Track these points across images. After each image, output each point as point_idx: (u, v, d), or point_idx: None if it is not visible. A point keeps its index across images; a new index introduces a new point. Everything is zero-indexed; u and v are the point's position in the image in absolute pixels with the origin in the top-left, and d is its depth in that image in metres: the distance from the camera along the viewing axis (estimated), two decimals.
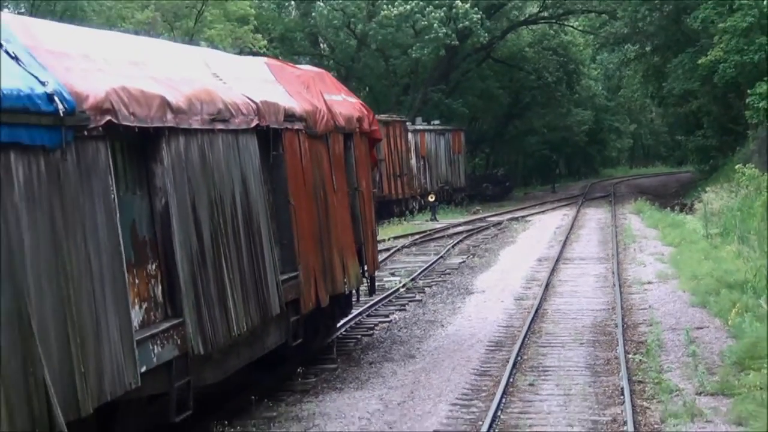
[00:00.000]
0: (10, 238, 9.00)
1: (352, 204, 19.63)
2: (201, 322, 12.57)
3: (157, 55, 13.90)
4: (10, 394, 8.74)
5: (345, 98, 20.47)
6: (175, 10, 56.88)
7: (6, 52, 9.84)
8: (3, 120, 8.98)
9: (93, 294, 10.25)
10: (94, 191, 10.53)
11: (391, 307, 24.70)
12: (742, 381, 14.94)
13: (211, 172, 13.40)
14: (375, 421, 14.65)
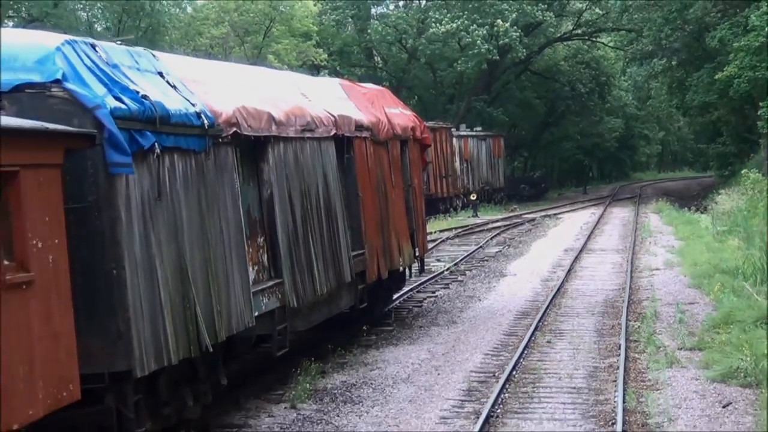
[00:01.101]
0: (175, 213, 12.24)
1: (407, 198, 22.75)
2: (295, 282, 15.80)
3: (262, 79, 17.19)
4: (176, 321, 11.97)
5: (401, 111, 23.63)
6: (245, 26, 59.74)
7: (167, 82, 13.08)
8: (171, 131, 12.22)
9: (224, 256, 13.48)
10: (225, 182, 13.76)
11: (437, 285, 27.82)
12: (714, 339, 17.91)
13: (302, 170, 16.61)
14: (424, 365, 17.78)
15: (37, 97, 10.90)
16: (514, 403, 14.80)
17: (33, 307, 9.45)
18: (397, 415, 14.48)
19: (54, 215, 9.97)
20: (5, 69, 10.98)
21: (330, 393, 15.98)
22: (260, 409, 15.10)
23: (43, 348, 9.54)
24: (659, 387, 15.31)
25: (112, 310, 10.94)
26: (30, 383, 9.26)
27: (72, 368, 10.09)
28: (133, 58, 12.73)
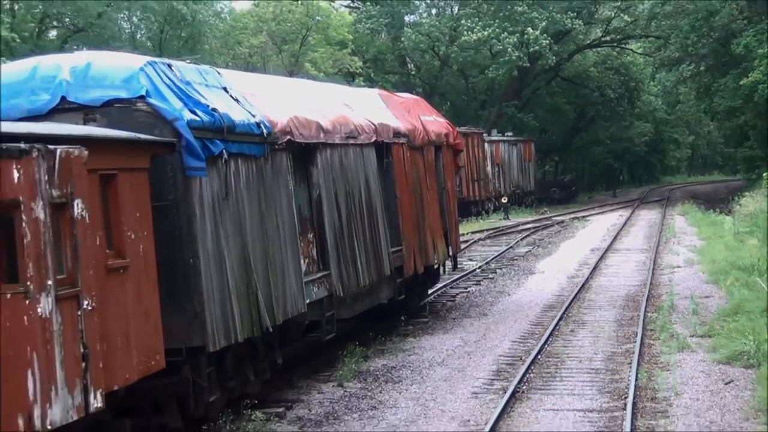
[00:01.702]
0: (239, 210, 14.01)
1: (441, 199, 24.44)
2: (341, 274, 17.55)
3: (310, 91, 18.98)
4: (241, 305, 13.74)
5: (435, 119, 25.35)
6: (283, 35, 61.47)
7: (231, 96, 14.86)
8: (236, 140, 13.99)
9: (281, 249, 15.25)
10: (281, 184, 15.53)
11: (469, 282, 29.50)
12: (722, 327, 19.49)
13: (346, 173, 18.36)
14: (457, 351, 19.47)
15: (124, 110, 12.70)
16: (538, 381, 16.47)
17: (128, 288, 11.23)
18: (434, 392, 16.18)
19: (143, 211, 11.76)
20: (97, 87, 12.80)
21: (372, 374, 17.72)
22: (311, 387, 16.85)
23: (136, 323, 11.31)
24: (669, 368, 16.93)
25: (189, 293, 12.71)
26: (127, 352, 11.04)
27: (158, 341, 11.87)
28: (201, 75, 14.52)
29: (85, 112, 12.67)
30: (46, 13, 60.15)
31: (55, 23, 61.52)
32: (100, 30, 59.87)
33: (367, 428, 14.33)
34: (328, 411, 15.41)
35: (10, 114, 12.63)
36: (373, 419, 14.79)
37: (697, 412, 14.18)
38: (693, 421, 13.76)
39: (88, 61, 13.23)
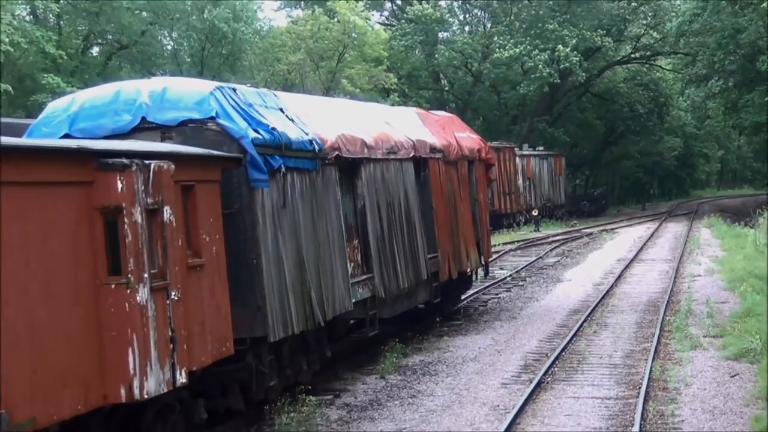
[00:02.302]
0: (295, 218, 15.78)
1: (473, 210, 26.14)
2: (382, 277, 19.28)
3: (355, 111, 20.76)
4: (296, 301, 15.50)
5: (468, 135, 27.08)
6: (320, 52, 63.18)
7: (287, 116, 16.65)
8: (292, 155, 15.77)
9: (330, 253, 17.00)
10: (330, 195, 17.30)
11: (500, 289, 31.18)
12: (734, 328, 21.08)
13: (387, 185, 20.11)
14: (488, 349, 21.15)
15: (197, 130, 14.50)
16: (562, 374, 18.13)
17: (204, 284, 13.01)
18: (467, 383, 17.88)
19: (215, 217, 13.55)
20: (173, 109, 14.61)
21: (411, 368, 19.44)
22: (356, 379, 18.60)
23: (210, 314, 13.09)
24: (681, 363, 18.54)
25: (253, 290, 14.48)
26: (203, 338, 12.81)
27: (228, 331, 13.65)
28: (261, 98, 16.33)
29: (162, 131, 14.51)
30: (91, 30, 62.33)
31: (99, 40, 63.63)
32: (143, 47, 61.99)
33: (407, 413, 16.05)
34: (372, 399, 17.16)
35: (97, 132, 14.49)
36: (413, 405, 16.52)
37: (702, 399, 15.81)
38: (698, 406, 15.39)
39: (164, 86, 15.06)
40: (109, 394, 10.84)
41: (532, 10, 67.06)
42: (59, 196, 10.45)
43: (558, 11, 67.25)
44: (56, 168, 10.46)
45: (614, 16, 69.68)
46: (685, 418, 14.78)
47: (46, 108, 15.64)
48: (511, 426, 14.45)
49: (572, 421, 14.89)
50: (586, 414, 15.26)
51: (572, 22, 67.11)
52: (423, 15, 67.37)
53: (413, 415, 15.91)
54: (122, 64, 63.75)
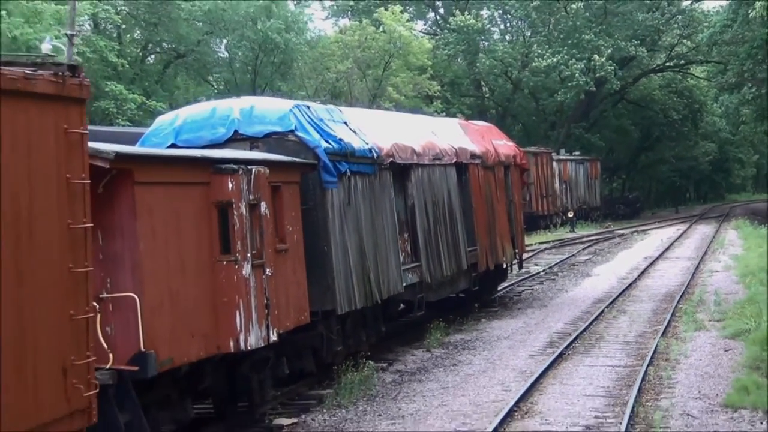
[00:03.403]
0: (357, 213, 18.97)
1: (509, 210, 29.20)
2: (428, 265, 22.43)
3: (405, 122, 23.95)
4: (358, 281, 18.67)
5: (505, 142, 30.18)
6: (367, 61, 66.19)
7: (350, 128, 19.86)
8: (355, 161, 18.97)
9: (385, 243, 20.18)
10: (385, 195, 20.48)
11: (533, 282, 34.27)
12: (735, 313, 24.04)
13: (433, 187, 23.26)
14: (520, 330, 24.25)
15: (279, 140, 17.73)
16: (581, 348, 21.23)
17: (287, 265, 16.23)
18: (500, 355, 21.02)
19: (296, 212, 16.77)
20: (259, 123, 17.85)
21: (452, 344, 22.61)
22: (405, 352, 21.78)
23: (292, 288, 16.31)
24: (685, 341, 21.55)
25: (324, 271, 17.67)
26: (287, 307, 16.03)
27: (305, 303, 16.86)
28: (329, 113, 19.56)
29: (251, 141, 17.76)
30: (149, 40, 65.84)
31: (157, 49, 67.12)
32: (199, 56, 65.38)
33: (449, 377, 19.20)
34: (419, 366, 20.34)
35: (197, 143, 17.75)
36: (454, 371, 19.68)
37: (697, 367, 18.84)
38: (692, 372, 18.42)
39: (252, 104, 18.33)
40: (221, 345, 14.06)
41: (570, 21, 69.94)
42: (186, 193, 13.70)
43: (594, 22, 70.12)
44: (184, 172, 13.73)
45: (648, 27, 72.40)
46: (679, 380, 17.82)
47: (155, 122, 18.96)
48: (535, 384, 17.57)
49: (585, 381, 17.99)
50: (598, 377, 18.35)
51: (608, 32, 69.94)
52: (465, 25, 70.47)
53: (454, 378, 19.06)
54: (178, 72, 67.37)
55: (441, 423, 15.39)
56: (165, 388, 13.41)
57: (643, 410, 15.61)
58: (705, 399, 16.37)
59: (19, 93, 10.03)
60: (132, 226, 12.45)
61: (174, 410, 13.74)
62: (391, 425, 15.63)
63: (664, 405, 15.92)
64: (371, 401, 17.35)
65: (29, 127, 10.17)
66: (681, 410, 15.60)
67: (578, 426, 14.88)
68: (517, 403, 16.15)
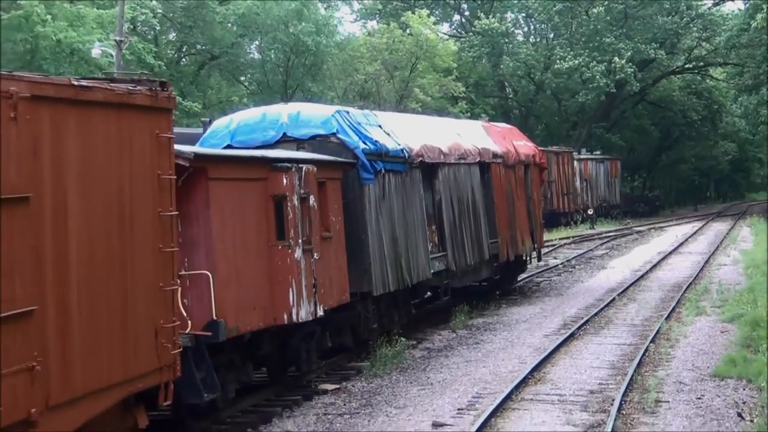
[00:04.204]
0: (391, 207, 21.28)
1: (528, 205, 31.43)
2: (454, 254, 24.72)
3: (433, 125, 26.25)
4: (391, 267, 20.98)
5: (525, 143, 32.42)
6: (395, 63, 68.31)
7: (384, 131, 22.17)
8: (389, 160, 21.28)
9: (415, 234, 22.47)
10: (415, 190, 22.78)
11: (551, 273, 36.51)
12: (734, 300, 26.22)
13: (458, 184, 25.54)
14: (537, 315, 26.51)
15: (322, 142, 20.05)
16: (591, 329, 23.50)
17: (331, 251, 18.55)
18: (518, 335, 23.29)
19: (338, 205, 19.10)
20: (305, 126, 20.19)
21: (475, 326, 24.90)
22: (432, 332, 24.10)
23: (335, 271, 18.64)
24: (686, 324, 23.77)
25: (362, 257, 19.97)
26: (331, 288, 18.35)
27: (346, 285, 19.18)
28: (366, 117, 21.88)
29: (297, 143, 20.09)
30: (184, 42, 68.26)
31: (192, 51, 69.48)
32: (232, 58, 67.73)
33: (472, 353, 21.50)
34: (445, 345, 22.65)
35: (250, 144, 20.09)
36: (476, 348, 21.98)
37: (694, 345, 21.07)
38: (689, 349, 20.65)
39: (298, 110, 20.67)
40: (277, 317, 16.40)
41: (591, 24, 71.97)
42: (249, 187, 16.06)
43: (615, 25, 72.18)
44: (248, 170, 16.10)
45: (667, 30, 74.36)
46: (676, 356, 20.07)
47: (212, 125, 21.36)
48: (548, 358, 19.86)
49: (593, 356, 20.26)
50: (605, 353, 20.61)
51: (628, 35, 71.99)
52: (489, 28, 72.65)
53: (477, 354, 21.35)
54: (212, 73, 69.79)
55: (465, 388, 17.70)
56: (231, 353, 15.76)
57: (641, 379, 17.86)
58: (697, 370, 18.61)
59: (123, 105, 12.42)
60: (206, 214, 14.82)
61: (238, 372, 16.10)
62: (420, 390, 17.93)
63: (660, 375, 18.16)
64: (403, 372, 19.67)
65: (131, 132, 12.54)
66: (675, 379, 17.85)
67: (583, 391, 17.15)
68: (531, 373, 18.44)
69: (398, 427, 15.26)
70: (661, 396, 16.53)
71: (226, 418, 15.96)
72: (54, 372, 10.94)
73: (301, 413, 16.66)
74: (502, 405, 15.99)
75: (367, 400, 17.37)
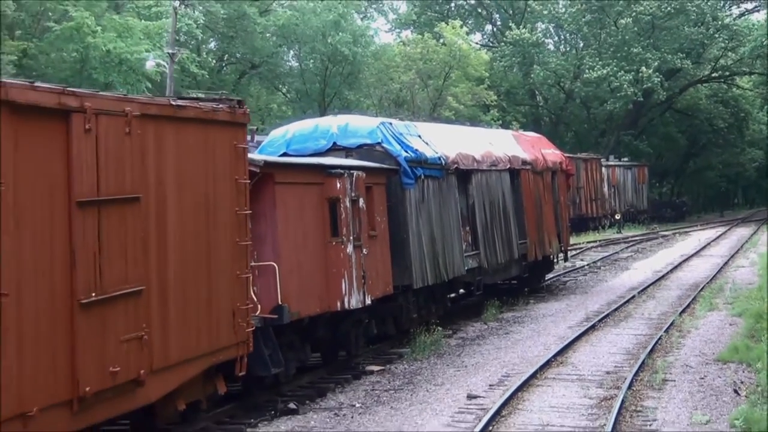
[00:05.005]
0: (429, 209, 23.53)
1: (555, 209, 33.61)
2: (486, 253, 26.94)
3: (466, 134, 28.51)
4: (430, 263, 23.22)
5: (552, 151, 34.62)
6: (429, 72, 70.52)
7: (423, 140, 24.43)
8: (428, 167, 23.53)
9: (451, 233, 24.71)
10: (451, 194, 25.03)
11: (577, 274, 38.66)
12: (745, 297, 28.29)
13: (490, 189, 27.76)
14: (562, 310, 28.67)
15: (368, 151, 22.33)
16: (611, 322, 25.68)
17: (377, 248, 20.83)
18: (544, 327, 25.49)
19: (383, 207, 21.38)
20: (353, 137, 22.48)
21: (505, 319, 27.12)
22: (466, 324, 26.33)
23: (380, 266, 20.91)
24: (698, 318, 25.89)
25: (404, 254, 22.21)
26: (376, 280, 20.63)
27: (389, 278, 21.46)
28: (407, 128, 24.17)
29: (346, 151, 22.38)
30: (226, 51, 70.78)
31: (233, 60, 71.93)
32: (271, 67, 70.19)
33: (502, 341, 23.72)
34: (478, 335, 24.88)
35: (303, 152, 22.38)
36: (506, 338, 24.20)
37: (703, 336, 23.21)
38: (698, 338, 22.80)
39: (347, 121, 22.98)
40: (331, 305, 18.70)
41: (619, 35, 73.92)
42: (308, 190, 18.38)
43: (642, 36, 74.10)
44: (307, 175, 18.43)
45: (693, 41, 76.17)
46: (686, 344, 22.22)
47: (270, 135, 23.70)
48: (570, 345, 22.09)
49: (611, 344, 22.46)
50: (622, 341, 22.80)
51: (655, 46, 73.90)
52: (520, 39, 74.79)
53: (506, 342, 23.57)
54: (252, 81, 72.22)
55: (495, 369, 19.94)
56: (292, 335, 18.05)
57: (652, 362, 20.04)
58: (703, 356, 20.78)
59: (209, 121, 14.77)
60: (273, 214, 17.15)
61: (297, 352, 18.39)
62: (456, 371, 20.18)
63: (669, 359, 20.35)
64: (440, 357, 21.92)
65: (214, 143, 14.89)
66: (682, 363, 20.03)
67: (600, 371, 19.36)
68: (555, 357, 20.68)
69: (437, 398, 17.52)
70: (668, 376, 18.71)
71: (287, 391, 18.24)
72: (156, 342, 13.28)
73: (351, 389, 18.93)
74: (528, 382, 18.23)
75: (408, 379, 19.62)
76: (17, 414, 10.85)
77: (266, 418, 16.56)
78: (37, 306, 11.13)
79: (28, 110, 11.08)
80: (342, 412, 16.98)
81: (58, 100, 11.58)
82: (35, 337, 11.10)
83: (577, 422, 15.57)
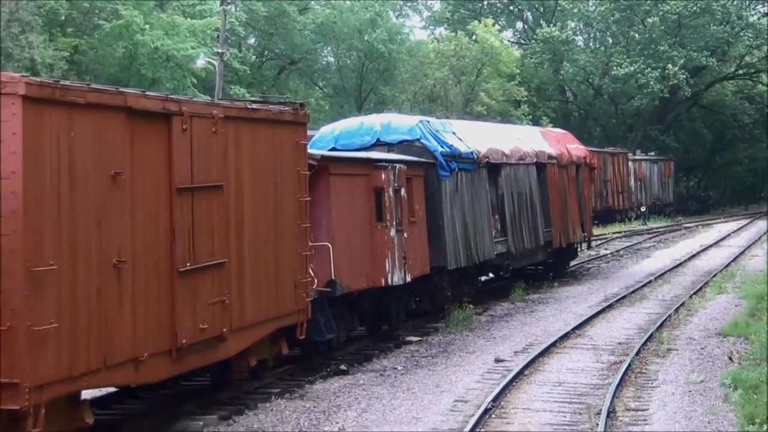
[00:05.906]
0: (462, 199, 26.05)
1: (579, 200, 36.00)
2: (513, 239, 29.42)
3: (496, 131, 31.01)
4: (462, 247, 25.74)
5: (577, 146, 37.03)
6: (461, 69, 72.64)
7: (457, 137, 26.94)
8: (461, 161, 26.04)
9: (482, 221, 27.21)
10: (481, 185, 27.52)
11: (600, 261, 41.08)
12: (752, 281, 30.63)
13: (518, 181, 30.23)
14: (584, 293, 31.12)
15: (408, 146, 24.87)
16: (627, 303, 28.16)
17: (416, 232, 23.38)
18: (566, 306, 27.97)
19: (421, 196, 23.93)
20: (394, 133, 25.02)
21: (531, 300, 29.62)
22: (495, 303, 28.83)
23: (418, 248, 23.45)
24: (707, 299, 28.29)
25: (440, 238, 24.74)
26: (415, 261, 23.17)
27: (426, 260, 24.01)
28: (442, 125, 26.70)
29: (388, 146, 24.92)
30: (266, 47, 73.34)
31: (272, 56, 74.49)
32: (310, 63, 72.75)
33: (527, 318, 26.22)
34: (505, 313, 27.41)
35: (350, 147, 24.93)
36: (531, 315, 26.70)
37: (709, 314, 25.64)
38: (705, 316, 25.24)
39: (389, 119, 25.56)
40: (376, 281, 21.28)
41: (647, 33, 76.00)
42: (357, 181, 20.97)
43: (669, 34, 76.13)
44: (356, 168, 21.03)
45: (719, 39, 78.07)
46: (693, 321, 24.67)
47: (319, 131, 26.26)
48: (588, 320, 24.64)
49: (625, 321, 24.96)
50: (636, 319, 25.27)
51: (681, 44, 75.90)
52: (551, 36, 77.01)
53: (531, 318, 26.08)
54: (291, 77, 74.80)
55: (520, 339, 22.49)
56: (342, 307, 20.63)
57: (659, 335, 22.51)
58: (706, 331, 23.24)
59: (276, 121, 17.37)
60: (327, 201, 19.75)
61: (347, 322, 20.98)
62: (485, 342, 22.72)
63: (675, 333, 22.83)
64: (471, 330, 24.45)
65: (281, 140, 17.49)
66: (687, 336, 22.50)
67: (613, 342, 21.87)
68: (573, 330, 23.22)
69: (469, 362, 20.09)
70: (672, 347, 21.19)
71: (338, 356, 20.83)
72: (235, 305, 15.91)
73: (393, 355, 21.51)
74: (548, 349, 20.79)
75: (444, 348, 22.17)
76: (132, 358, 13.50)
77: (322, 375, 19.17)
78: (147, 272, 13.79)
79: (140, 114, 13.71)
80: (386, 373, 19.56)
81: (163, 105, 14.22)
82: (145, 297, 13.75)
83: (589, 380, 18.10)
